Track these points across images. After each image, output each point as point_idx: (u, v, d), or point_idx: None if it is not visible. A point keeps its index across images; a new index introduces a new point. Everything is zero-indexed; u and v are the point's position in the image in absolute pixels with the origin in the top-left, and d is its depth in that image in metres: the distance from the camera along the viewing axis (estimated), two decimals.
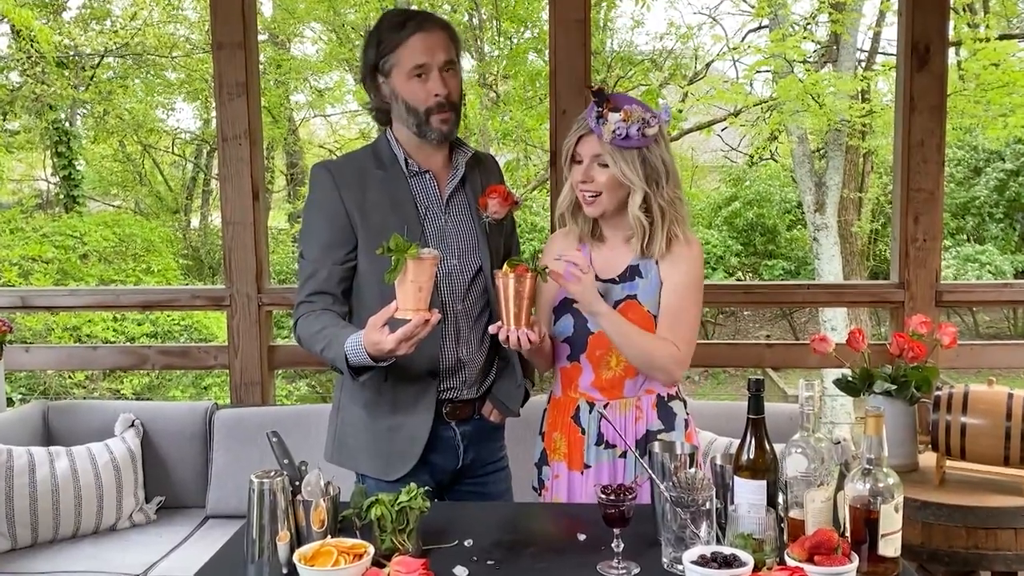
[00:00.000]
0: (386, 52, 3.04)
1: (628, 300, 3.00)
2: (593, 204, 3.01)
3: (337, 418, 3.23)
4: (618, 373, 3.03)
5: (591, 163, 2.99)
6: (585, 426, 3.05)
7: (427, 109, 3.03)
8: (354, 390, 3.13)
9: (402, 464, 3.08)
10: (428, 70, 3.01)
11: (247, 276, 5.00)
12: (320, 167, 3.17)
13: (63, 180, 15.95)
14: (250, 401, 5.04)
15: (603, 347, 3.02)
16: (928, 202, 4.77)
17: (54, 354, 6.10)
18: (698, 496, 2.31)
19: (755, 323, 18.36)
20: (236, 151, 4.95)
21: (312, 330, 3.00)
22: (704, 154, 19.43)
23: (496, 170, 3.39)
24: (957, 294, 5.28)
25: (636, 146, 2.93)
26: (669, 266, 3.02)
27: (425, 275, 2.69)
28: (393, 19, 3.07)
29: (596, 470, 3.03)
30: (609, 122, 2.90)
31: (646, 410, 3.04)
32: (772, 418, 2.51)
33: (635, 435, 3.01)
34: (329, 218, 3.05)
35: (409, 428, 3.08)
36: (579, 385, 3.08)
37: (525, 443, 3.32)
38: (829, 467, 2.38)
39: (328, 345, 2.92)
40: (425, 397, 3.09)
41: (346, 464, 3.18)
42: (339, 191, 3.04)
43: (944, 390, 3.79)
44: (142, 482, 4.66)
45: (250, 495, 2.42)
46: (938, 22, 4.73)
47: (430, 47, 3.01)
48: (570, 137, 3.04)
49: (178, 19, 17.00)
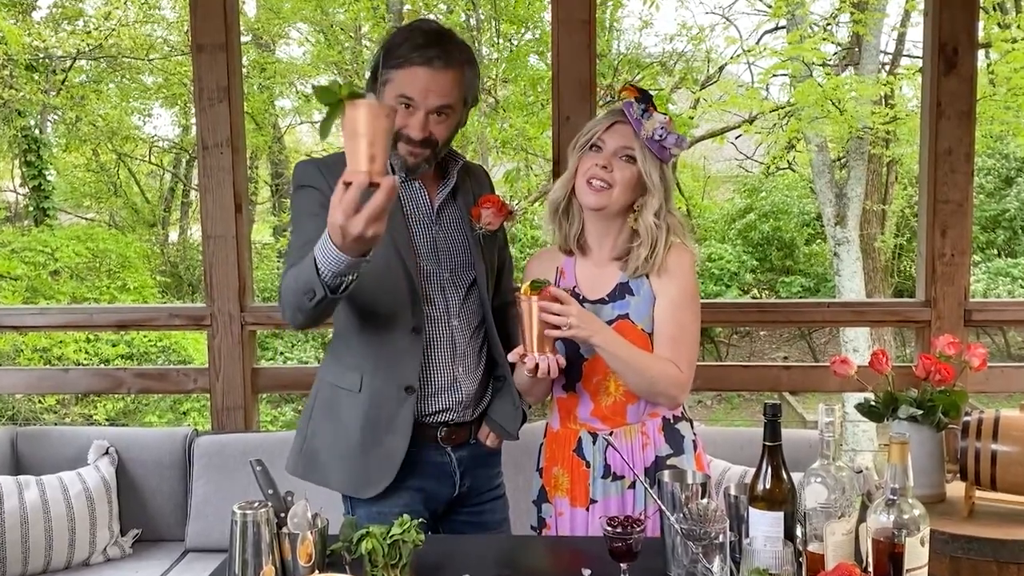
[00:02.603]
0: (389, 65, 2.99)
1: (620, 320, 3.00)
2: (601, 193, 2.98)
3: (307, 429, 3.21)
4: (618, 399, 3.03)
5: (617, 152, 2.98)
6: (590, 458, 3.04)
7: (396, 134, 2.96)
8: (329, 399, 3.14)
9: (376, 482, 3.07)
10: (415, 107, 2.96)
11: (229, 294, 4.99)
12: (306, 162, 3.16)
13: (32, 191, 15.98)
14: (232, 427, 5.02)
15: (599, 373, 3.02)
16: (956, 214, 4.76)
17: (23, 377, 6.09)
18: (711, 528, 2.31)
19: (771, 344, 18.36)
20: (217, 160, 4.94)
21: (290, 274, 2.83)
22: (717, 163, 19.45)
23: (487, 182, 3.40)
24: (987, 312, 5.27)
25: (662, 158, 2.97)
26: (662, 279, 3.02)
27: (371, 126, 2.33)
28: (417, 36, 2.98)
29: (603, 504, 3.02)
30: (654, 119, 2.93)
31: (652, 435, 3.04)
32: (789, 445, 2.51)
33: (644, 463, 3.01)
34: (322, 200, 2.89)
35: (385, 445, 3.06)
36: (578, 416, 3.08)
37: (525, 472, 3.33)
38: (850, 498, 2.38)
39: (301, 269, 2.70)
40: (402, 414, 3.06)
41: (312, 478, 3.16)
42: (329, 183, 2.98)
43: (973, 415, 3.78)
44: (117, 514, 4.65)
45: (232, 527, 2.42)
46: (967, 22, 4.72)
47: (426, 86, 2.95)
48: (598, 122, 3.04)
49: (155, 19, 17.07)
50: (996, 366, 4.91)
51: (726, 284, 16.43)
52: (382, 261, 2.91)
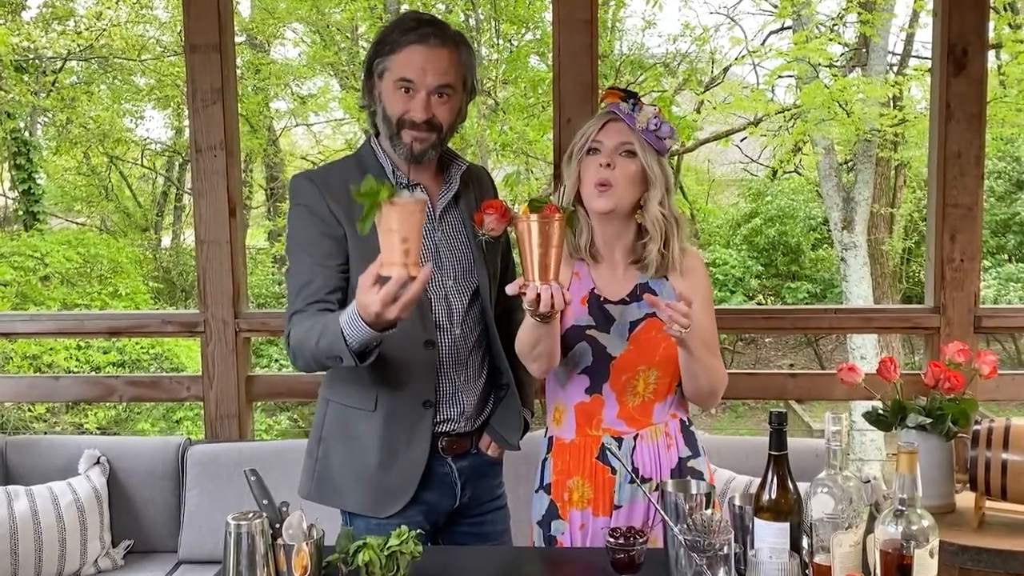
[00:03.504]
0: (383, 53, 3.02)
1: (649, 319, 2.99)
2: (606, 194, 2.98)
3: (318, 450, 3.20)
4: (647, 398, 3.03)
5: (616, 149, 2.99)
6: (615, 464, 3.01)
7: (399, 120, 3.00)
8: (340, 419, 3.14)
9: (396, 500, 3.08)
10: (415, 88, 2.99)
11: (223, 300, 4.99)
12: (301, 178, 3.16)
13: (22, 195, 15.97)
14: (226, 436, 5.01)
15: (629, 370, 3.01)
16: (966, 219, 4.76)
17: (12, 385, 6.10)
18: (715, 540, 2.31)
19: (777, 351, 18.37)
20: (211, 163, 4.94)
21: (305, 327, 2.92)
22: (721, 166, 19.47)
23: (490, 184, 3.41)
24: (998, 319, 5.26)
25: (659, 149, 3.00)
26: (686, 281, 3.05)
27: (407, 224, 2.51)
28: (407, 22, 3.05)
29: (629, 509, 3.00)
30: (646, 111, 2.97)
31: (675, 436, 3.06)
32: (796, 455, 2.51)
33: (670, 464, 3.03)
34: (320, 226, 3.02)
35: (404, 462, 3.07)
36: (603, 420, 3.05)
37: (528, 482, 3.33)
38: (858, 508, 2.38)
39: (323, 333, 2.82)
40: (420, 428, 3.08)
41: (328, 501, 3.17)
42: (326, 201, 3.02)
43: (983, 424, 3.78)
44: (108, 524, 4.65)
45: (226, 539, 2.42)
46: (977, 22, 4.72)
47: (423, 66, 2.98)
48: (590, 125, 3.05)
49: (147, 19, 17.04)
50: (1007, 374, 4.92)
51: (731, 290, 16.44)
52: None
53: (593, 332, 3.01)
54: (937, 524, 2.29)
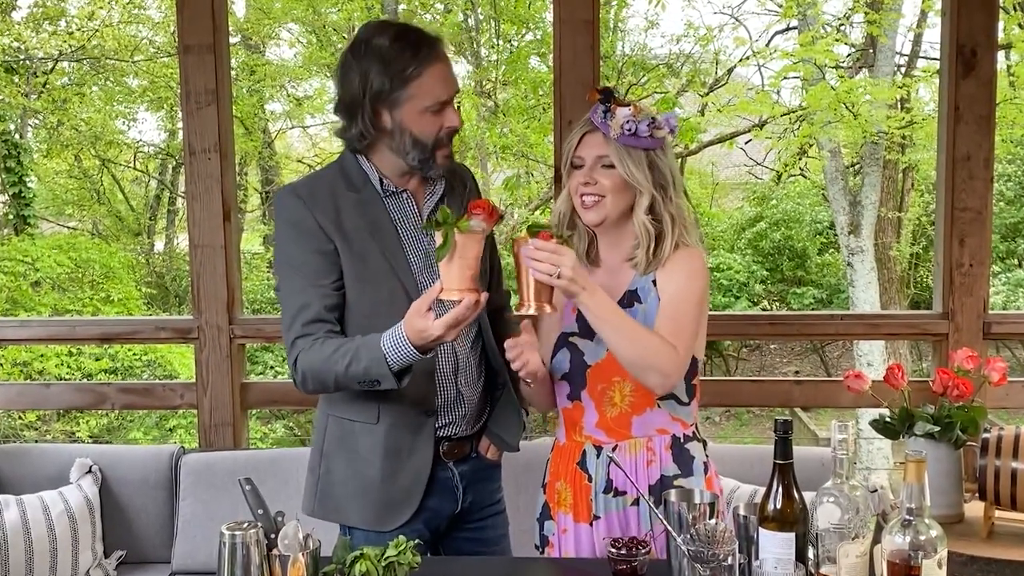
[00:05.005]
0: (397, 87, 2.95)
1: None
2: (593, 208, 3.00)
3: (320, 467, 3.21)
4: (623, 409, 3.02)
5: (595, 164, 2.99)
6: (592, 472, 3.04)
7: (435, 142, 3.01)
8: (342, 433, 3.14)
9: (400, 512, 3.09)
10: (446, 104, 3.01)
11: (217, 305, 4.99)
12: (287, 193, 3.14)
13: (12, 199, 15.96)
14: (220, 444, 5.01)
15: (604, 380, 3.02)
16: (975, 223, 4.76)
17: (2, 392, 6.09)
18: (719, 550, 2.31)
19: (782, 358, 18.36)
20: (205, 166, 4.94)
21: (325, 353, 2.94)
22: (726, 169, 19.45)
23: (472, 180, 3.40)
24: (1007, 325, 5.26)
25: (645, 147, 2.96)
26: (667, 275, 3.02)
27: (473, 251, 2.70)
28: (401, 40, 2.98)
29: (606, 521, 3.02)
30: (618, 117, 2.93)
31: (659, 452, 3.03)
32: (801, 463, 2.51)
33: (647, 480, 3.00)
34: (310, 244, 3.02)
35: (407, 472, 3.09)
36: (583, 427, 3.07)
37: (527, 490, 3.33)
38: (865, 518, 2.38)
39: (355, 358, 2.88)
40: (423, 436, 3.10)
41: (331, 517, 3.17)
42: (314, 216, 3.01)
43: (993, 432, 3.78)
44: (100, 535, 4.64)
45: (220, 549, 2.42)
46: (986, 23, 4.71)
47: (446, 78, 3.01)
48: (571, 138, 3.06)
49: (140, 20, 17.07)
50: (1016, 381, 4.90)
51: (735, 295, 16.42)
52: (384, 287, 3.01)
53: (576, 339, 3.04)
54: (946, 534, 2.29)
